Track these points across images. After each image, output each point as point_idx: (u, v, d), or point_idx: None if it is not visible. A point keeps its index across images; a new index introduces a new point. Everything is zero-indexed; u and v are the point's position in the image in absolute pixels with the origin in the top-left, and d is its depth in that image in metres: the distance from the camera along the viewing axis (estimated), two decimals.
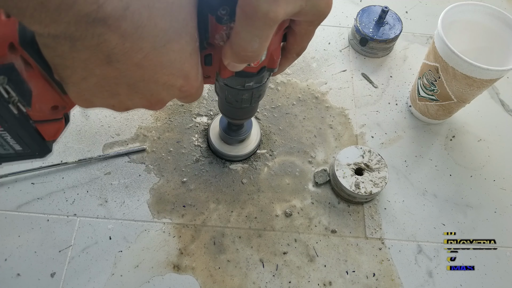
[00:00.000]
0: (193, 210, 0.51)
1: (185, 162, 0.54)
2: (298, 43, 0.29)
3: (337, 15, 0.72)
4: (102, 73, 0.22)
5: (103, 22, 0.19)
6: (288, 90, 0.62)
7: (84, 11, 0.18)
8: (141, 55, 0.22)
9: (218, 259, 0.48)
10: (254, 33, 0.22)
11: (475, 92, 0.51)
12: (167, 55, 0.23)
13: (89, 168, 0.53)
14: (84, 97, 0.25)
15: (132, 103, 0.26)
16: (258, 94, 0.38)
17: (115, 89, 0.24)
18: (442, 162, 0.57)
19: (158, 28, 0.21)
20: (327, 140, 0.58)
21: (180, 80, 0.25)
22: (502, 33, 0.52)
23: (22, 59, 0.24)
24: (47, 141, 0.29)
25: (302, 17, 0.24)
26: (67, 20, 0.18)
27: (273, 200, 0.52)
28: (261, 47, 0.24)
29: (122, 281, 0.46)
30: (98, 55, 0.21)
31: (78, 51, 0.21)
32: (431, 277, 0.49)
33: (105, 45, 0.20)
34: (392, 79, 0.65)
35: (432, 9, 0.75)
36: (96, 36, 0.20)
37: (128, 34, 0.20)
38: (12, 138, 0.27)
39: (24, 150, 0.29)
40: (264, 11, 0.21)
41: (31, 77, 0.24)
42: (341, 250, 0.50)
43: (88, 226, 0.49)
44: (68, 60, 0.21)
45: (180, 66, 0.24)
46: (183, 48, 0.23)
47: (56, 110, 0.27)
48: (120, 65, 0.22)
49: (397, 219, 0.52)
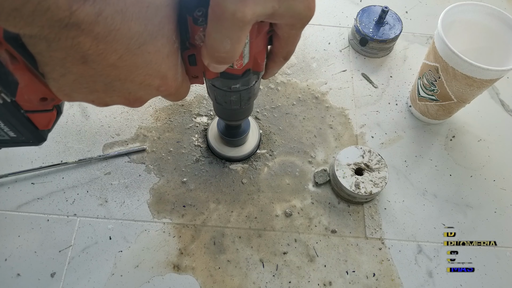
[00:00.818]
0: (193, 210, 0.51)
1: (185, 162, 0.54)
2: (283, 46, 0.29)
3: (337, 15, 0.72)
4: (79, 71, 0.23)
5: (76, 27, 0.20)
6: (288, 90, 0.62)
7: (57, 16, 0.19)
8: (115, 56, 0.22)
9: (218, 259, 0.48)
10: (224, 34, 0.23)
11: (475, 92, 0.51)
12: (142, 57, 0.23)
13: (89, 168, 0.53)
14: (64, 92, 0.26)
15: (111, 100, 0.27)
16: (248, 97, 0.38)
17: (92, 86, 0.25)
18: (442, 162, 0.57)
19: (132, 31, 0.22)
20: (327, 140, 0.58)
21: (157, 80, 0.26)
22: (502, 33, 0.52)
23: (7, 53, 0.24)
24: (40, 130, 0.31)
25: (279, 20, 0.24)
26: (40, 24, 0.19)
27: (273, 200, 0.52)
28: (234, 48, 0.24)
29: (122, 281, 0.46)
30: (74, 55, 0.22)
31: (55, 50, 0.21)
32: (431, 277, 0.49)
33: (80, 47, 0.21)
34: (392, 79, 0.65)
35: (432, 9, 0.75)
36: (70, 38, 0.20)
37: (102, 37, 0.21)
38: (5, 125, 0.28)
39: (18, 137, 0.30)
40: (231, 11, 0.21)
41: (17, 69, 0.25)
42: (341, 250, 0.50)
43: (88, 226, 0.49)
44: (47, 58, 0.22)
45: (157, 67, 0.25)
46: (159, 49, 0.24)
47: (45, 102, 0.28)
48: (95, 65, 0.23)
49: (397, 219, 0.52)
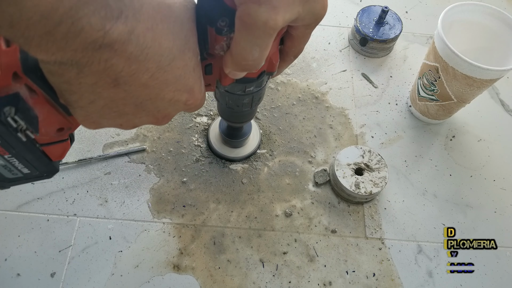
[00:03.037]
0: (193, 210, 0.51)
1: (185, 162, 0.54)
2: (295, 46, 0.29)
3: (337, 15, 0.72)
4: (110, 95, 0.23)
5: (109, 48, 0.19)
6: (288, 90, 0.62)
7: (91, 38, 0.18)
8: (147, 75, 0.22)
9: (218, 259, 0.48)
10: (254, 42, 0.23)
11: (475, 92, 0.51)
12: (172, 73, 0.23)
13: (89, 168, 0.53)
14: (92, 120, 0.25)
15: (140, 121, 0.27)
16: (258, 97, 0.38)
17: (122, 109, 0.24)
18: (442, 162, 0.57)
19: (162, 48, 0.21)
20: (327, 140, 0.58)
21: (185, 94, 0.25)
22: (502, 33, 0.52)
23: (27, 87, 0.24)
24: (54, 162, 0.30)
25: (300, 22, 0.25)
26: (74, 47, 0.18)
27: (273, 200, 0.52)
28: (262, 55, 0.24)
29: (122, 281, 0.46)
30: (106, 79, 0.21)
31: (85, 76, 0.21)
32: (431, 277, 0.49)
33: (112, 69, 0.20)
34: (392, 79, 0.65)
35: (432, 9, 0.75)
36: (103, 61, 0.20)
37: (134, 57, 0.20)
38: (20, 162, 0.27)
39: (32, 172, 0.29)
40: (264, 20, 0.21)
41: (36, 103, 0.24)
42: (341, 250, 0.50)
43: (88, 226, 0.49)
44: (75, 85, 0.22)
45: (185, 81, 0.24)
46: (186, 64, 0.24)
47: (62, 132, 0.28)
48: (127, 87, 0.22)
49: (397, 219, 0.52)
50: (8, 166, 0.27)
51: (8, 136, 0.24)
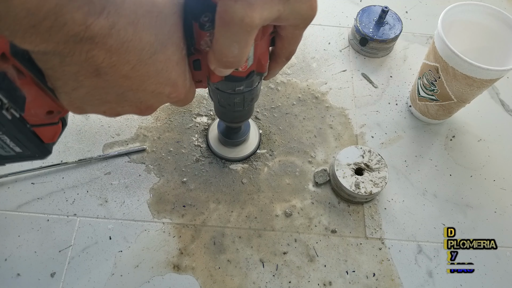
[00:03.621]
0: (193, 210, 0.51)
1: (185, 162, 0.54)
2: (286, 47, 0.29)
3: (337, 15, 0.72)
4: (92, 84, 0.23)
5: (90, 41, 0.20)
6: (288, 90, 0.62)
7: (73, 31, 0.19)
8: (128, 67, 0.22)
9: (218, 259, 0.48)
10: (232, 39, 0.23)
11: (475, 92, 0.51)
12: (154, 66, 0.23)
13: (89, 168, 0.53)
14: (76, 105, 0.26)
15: (122, 110, 0.28)
16: (251, 98, 0.38)
17: (105, 97, 0.25)
18: (442, 162, 0.57)
19: (143, 41, 0.22)
20: (327, 140, 0.58)
21: (168, 87, 0.26)
22: (502, 33, 0.52)
23: (15, 68, 0.24)
24: (46, 144, 0.30)
25: (284, 22, 0.25)
26: (56, 40, 0.19)
27: (273, 200, 0.52)
28: (241, 52, 0.24)
29: (122, 281, 0.46)
30: (87, 68, 0.22)
31: (68, 65, 0.22)
32: (431, 277, 0.49)
33: (93, 60, 0.21)
34: (392, 79, 0.65)
35: (432, 9, 0.75)
36: (84, 52, 0.20)
37: (115, 49, 0.21)
38: (11, 141, 0.28)
39: (24, 152, 0.30)
40: (240, 16, 0.21)
41: (24, 84, 0.25)
42: (341, 250, 0.50)
43: (88, 226, 0.49)
44: (59, 72, 0.22)
45: (167, 75, 0.25)
46: (169, 58, 0.24)
47: (52, 115, 0.28)
48: (108, 77, 0.23)
49: (397, 219, 0.52)
50: (0, 143, 0.28)
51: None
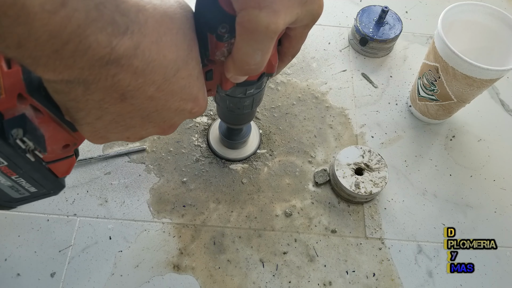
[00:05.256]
0: (193, 210, 0.51)
1: (185, 162, 0.54)
2: (293, 46, 0.29)
3: (337, 15, 0.72)
4: (117, 110, 0.23)
5: (116, 63, 0.19)
6: (288, 90, 0.62)
7: (98, 55, 0.18)
8: (153, 88, 0.22)
9: (218, 259, 0.48)
10: (256, 47, 0.23)
11: (475, 92, 0.51)
12: (178, 83, 0.23)
13: (89, 168, 0.53)
14: (100, 135, 0.25)
15: (146, 132, 0.27)
16: (259, 99, 0.39)
17: (129, 122, 0.25)
18: (442, 162, 0.57)
19: (167, 60, 0.21)
20: (327, 140, 0.58)
21: (190, 103, 0.25)
22: (502, 33, 0.52)
23: (31, 107, 0.24)
24: (60, 178, 0.30)
25: (299, 23, 0.25)
26: (81, 65, 0.18)
27: (273, 200, 0.52)
28: (264, 59, 0.24)
29: (122, 281, 0.46)
30: (113, 94, 0.21)
31: (92, 93, 0.21)
32: (431, 277, 0.49)
33: (119, 84, 0.20)
34: (392, 79, 0.65)
35: (432, 9, 0.75)
36: (110, 77, 0.20)
37: (141, 71, 0.20)
38: (27, 182, 0.27)
39: (39, 190, 0.29)
40: (265, 24, 0.21)
41: (42, 122, 0.24)
42: (341, 250, 0.50)
43: (88, 226, 0.49)
44: (82, 102, 0.22)
45: (190, 90, 0.24)
46: (191, 73, 0.24)
47: (68, 148, 0.28)
48: (134, 100, 0.22)
49: (397, 219, 0.52)
50: (16, 186, 0.27)
51: (16, 157, 0.24)
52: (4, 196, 0.28)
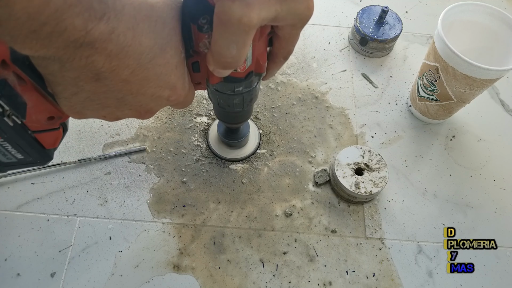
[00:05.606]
0: (193, 210, 0.51)
1: (185, 162, 0.54)
2: (283, 47, 0.29)
3: (337, 15, 0.72)
4: (92, 89, 0.24)
5: (90, 46, 0.20)
6: (288, 90, 0.62)
7: (73, 37, 0.19)
8: (128, 72, 0.23)
9: (218, 259, 0.48)
10: (230, 39, 0.23)
11: (475, 92, 0.51)
12: (153, 70, 0.24)
13: (89, 168, 0.53)
14: (76, 110, 0.26)
15: (122, 114, 0.28)
16: (250, 98, 0.38)
17: (105, 102, 0.25)
18: (442, 162, 0.57)
19: (143, 46, 0.22)
20: (327, 140, 0.58)
21: (167, 91, 0.26)
22: (502, 33, 0.52)
23: (15, 74, 0.24)
24: (47, 149, 0.30)
25: (281, 22, 0.25)
26: (56, 45, 0.19)
27: (273, 200, 0.52)
28: (240, 53, 0.24)
29: (122, 281, 0.46)
30: (87, 73, 0.22)
31: (68, 70, 0.22)
32: (431, 277, 0.49)
33: (93, 65, 0.21)
34: (392, 79, 0.65)
35: (432, 9, 0.75)
36: (84, 58, 0.21)
37: (114, 54, 0.21)
38: (13, 147, 0.28)
39: (26, 158, 0.30)
40: (238, 17, 0.21)
41: (25, 90, 0.25)
42: (341, 250, 0.50)
43: (88, 226, 0.49)
44: (59, 77, 0.23)
45: (166, 78, 0.25)
46: (168, 61, 0.24)
47: (53, 120, 0.28)
48: (108, 82, 0.23)
49: (397, 219, 0.52)
50: (2, 150, 0.28)
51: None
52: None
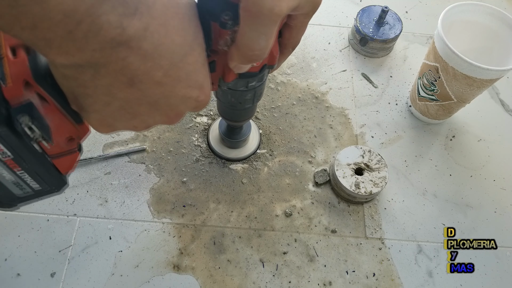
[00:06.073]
0: (193, 210, 0.51)
1: (185, 162, 0.54)
2: (293, 36, 0.29)
3: (337, 15, 0.72)
4: (125, 96, 0.23)
5: (126, 45, 0.19)
6: (288, 90, 0.62)
7: (110, 35, 0.18)
8: (161, 73, 0.22)
9: (218, 259, 0.48)
10: (260, 31, 0.23)
11: (475, 92, 0.51)
12: (184, 69, 0.23)
13: (89, 168, 0.53)
14: (107, 123, 0.25)
15: (153, 121, 0.27)
16: (260, 92, 0.39)
17: (137, 109, 0.24)
18: (442, 162, 0.57)
19: (174, 44, 0.22)
20: (327, 140, 0.58)
21: (196, 90, 0.25)
22: (502, 33, 0.52)
23: (38, 95, 0.23)
24: (63, 175, 0.29)
25: (300, 10, 0.25)
26: (93, 47, 0.19)
27: (273, 200, 0.52)
28: (268, 44, 0.24)
29: (122, 281, 0.46)
30: (121, 78, 0.21)
31: (101, 77, 0.21)
32: (431, 277, 0.49)
33: (128, 68, 0.21)
34: (392, 79, 0.65)
35: (432, 9, 0.75)
36: (120, 60, 0.20)
37: (149, 54, 0.21)
38: (31, 177, 0.26)
39: (43, 187, 0.28)
40: (269, 7, 0.21)
41: (48, 111, 0.24)
42: (341, 250, 0.50)
43: (88, 226, 0.49)
44: (91, 88, 0.22)
45: (196, 77, 0.24)
46: (196, 59, 0.24)
47: (72, 142, 0.27)
48: (142, 85, 0.22)
49: (397, 219, 0.52)
50: (19, 182, 0.27)
51: (21, 148, 0.23)
52: (7, 194, 0.28)
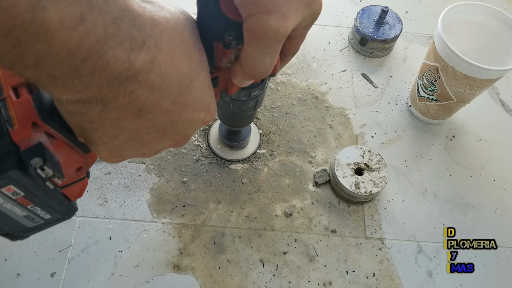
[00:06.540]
0: (193, 210, 0.51)
1: (185, 162, 0.54)
2: (294, 45, 0.29)
3: (337, 15, 0.72)
4: (134, 127, 0.22)
5: (134, 79, 0.19)
6: (288, 90, 0.62)
7: (117, 71, 0.18)
8: (169, 101, 0.22)
9: (218, 259, 0.48)
10: (265, 52, 0.23)
11: (475, 92, 0.51)
12: (191, 94, 0.23)
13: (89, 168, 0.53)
14: (116, 154, 0.25)
15: (161, 146, 0.27)
16: (261, 99, 0.39)
17: (146, 138, 0.24)
18: (442, 162, 0.57)
19: (181, 72, 0.21)
20: (327, 140, 0.58)
21: (203, 113, 0.25)
22: (502, 33, 0.52)
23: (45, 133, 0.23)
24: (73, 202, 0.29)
25: (302, 24, 0.25)
26: (100, 83, 0.18)
27: (273, 200, 0.52)
28: (272, 62, 0.24)
29: (122, 281, 0.46)
30: (130, 111, 0.21)
31: (110, 112, 0.20)
32: (431, 277, 0.49)
33: (137, 101, 0.20)
34: (392, 79, 0.65)
35: (432, 9, 0.75)
36: (128, 94, 0.19)
37: (157, 85, 0.20)
38: (43, 210, 0.26)
39: (53, 217, 0.28)
40: (275, 29, 0.21)
41: (57, 148, 0.24)
42: (341, 250, 0.50)
43: (88, 226, 0.49)
44: (99, 122, 0.21)
45: (202, 100, 0.24)
46: (202, 83, 0.24)
47: (81, 171, 0.27)
48: (151, 115, 0.22)
49: (397, 219, 0.52)
50: (31, 215, 0.26)
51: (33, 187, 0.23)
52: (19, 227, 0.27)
